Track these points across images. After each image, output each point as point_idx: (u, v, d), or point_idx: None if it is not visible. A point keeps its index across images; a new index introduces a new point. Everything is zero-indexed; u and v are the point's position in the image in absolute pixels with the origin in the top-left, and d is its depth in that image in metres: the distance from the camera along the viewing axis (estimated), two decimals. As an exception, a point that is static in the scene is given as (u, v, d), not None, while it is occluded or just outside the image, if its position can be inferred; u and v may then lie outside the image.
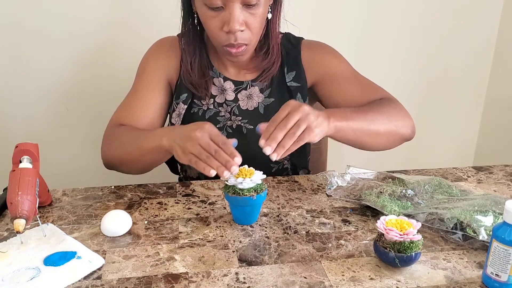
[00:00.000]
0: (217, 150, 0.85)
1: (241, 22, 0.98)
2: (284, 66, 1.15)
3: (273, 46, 1.10)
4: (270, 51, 1.11)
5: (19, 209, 0.76)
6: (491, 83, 1.87)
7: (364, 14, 1.68)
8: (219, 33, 1.01)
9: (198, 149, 0.86)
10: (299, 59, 1.15)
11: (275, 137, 0.86)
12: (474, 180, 1.10)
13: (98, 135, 1.67)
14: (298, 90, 1.15)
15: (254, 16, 1.00)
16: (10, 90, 1.58)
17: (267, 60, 1.11)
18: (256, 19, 1.00)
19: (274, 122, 0.88)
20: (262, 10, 1.01)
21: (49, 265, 0.77)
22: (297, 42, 1.17)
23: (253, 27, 1.01)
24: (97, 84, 1.61)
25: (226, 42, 1.01)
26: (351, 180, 1.05)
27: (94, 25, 1.54)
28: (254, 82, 1.14)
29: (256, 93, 1.14)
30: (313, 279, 0.75)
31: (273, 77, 1.14)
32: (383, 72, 1.78)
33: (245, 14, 0.99)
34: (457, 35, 1.77)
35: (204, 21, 1.02)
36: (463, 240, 0.84)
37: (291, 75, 1.15)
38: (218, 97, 1.14)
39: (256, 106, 1.14)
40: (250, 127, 1.14)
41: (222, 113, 1.14)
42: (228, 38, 1.00)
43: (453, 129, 1.93)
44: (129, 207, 0.97)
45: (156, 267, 0.78)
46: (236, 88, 1.14)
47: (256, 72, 1.15)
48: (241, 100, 1.14)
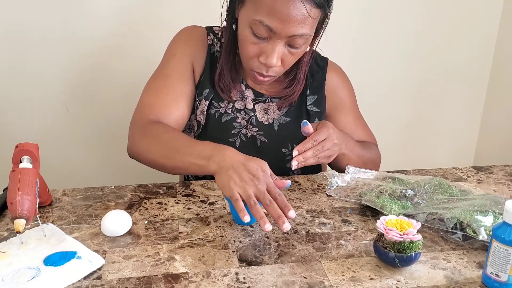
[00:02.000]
0: (271, 201, 0.80)
1: (280, 58, 0.98)
2: (307, 88, 1.14)
3: (300, 77, 1.10)
4: (296, 82, 1.11)
5: (19, 209, 0.76)
6: (491, 83, 1.87)
7: (364, 14, 1.68)
8: (253, 59, 1.00)
9: (250, 194, 0.81)
10: (323, 84, 1.16)
11: (306, 155, 0.96)
12: (474, 180, 1.10)
13: (98, 135, 1.68)
14: (316, 115, 1.15)
15: (292, 55, 1.00)
16: (10, 91, 1.58)
17: (290, 89, 1.11)
18: (293, 58, 1.01)
19: (313, 142, 0.97)
20: (301, 51, 1.01)
21: (49, 265, 0.77)
22: (324, 64, 1.17)
23: (287, 64, 1.01)
24: (98, 84, 1.61)
25: (257, 69, 1.01)
26: (351, 180, 1.05)
27: (95, 27, 1.54)
28: (273, 98, 1.14)
29: (273, 109, 1.13)
30: (313, 279, 0.75)
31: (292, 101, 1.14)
32: (383, 72, 1.79)
33: (284, 51, 0.98)
34: (457, 35, 1.77)
35: (243, 42, 1.00)
36: (463, 240, 0.84)
37: (312, 98, 1.15)
38: (237, 103, 1.13)
39: (271, 121, 1.13)
40: (264, 140, 1.13)
41: (239, 120, 1.13)
42: (261, 67, 1.00)
43: (453, 129, 1.93)
44: (129, 207, 0.97)
45: (156, 267, 0.78)
46: (255, 99, 1.13)
47: (276, 94, 1.14)
48: (257, 112, 1.13)
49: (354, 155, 1.10)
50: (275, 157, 1.10)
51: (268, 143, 1.13)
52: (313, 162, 0.98)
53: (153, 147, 0.99)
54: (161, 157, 0.97)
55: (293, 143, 1.13)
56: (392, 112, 1.84)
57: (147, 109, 1.06)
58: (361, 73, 1.72)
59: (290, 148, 1.13)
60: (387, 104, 1.83)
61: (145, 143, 1.01)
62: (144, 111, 1.06)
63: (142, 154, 1.02)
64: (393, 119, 1.85)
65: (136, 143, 1.03)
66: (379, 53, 1.75)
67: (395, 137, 1.89)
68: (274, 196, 0.82)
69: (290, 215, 0.80)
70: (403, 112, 1.87)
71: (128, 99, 1.55)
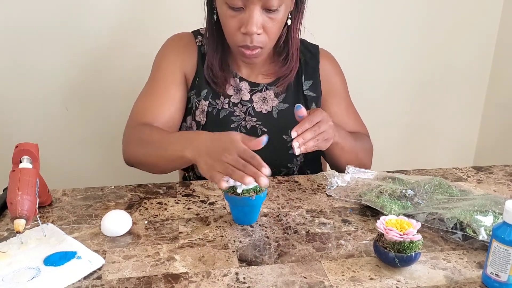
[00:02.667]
0: (245, 164, 0.85)
1: (259, 25, 0.99)
2: (302, 74, 1.16)
3: (293, 53, 1.11)
4: (290, 58, 1.11)
5: (19, 209, 0.76)
6: (491, 83, 1.87)
7: (364, 14, 1.68)
8: (236, 33, 1.01)
9: (225, 166, 0.85)
10: (317, 69, 1.17)
11: (305, 136, 0.95)
12: (474, 180, 1.10)
13: (98, 135, 1.68)
14: (313, 100, 1.16)
15: (272, 21, 1.00)
16: (10, 91, 1.58)
17: (285, 67, 1.12)
18: (274, 24, 1.01)
19: (309, 122, 0.96)
20: (281, 16, 1.01)
21: (49, 265, 0.77)
22: (316, 51, 1.19)
23: (271, 32, 1.02)
24: (98, 84, 1.61)
25: (242, 43, 1.02)
26: (351, 180, 1.05)
27: (95, 26, 1.54)
28: (269, 86, 1.15)
29: (271, 97, 1.15)
30: (313, 279, 0.75)
31: (289, 83, 1.15)
32: (383, 72, 1.79)
33: (264, 18, 0.99)
34: (457, 35, 1.77)
35: (223, 19, 1.02)
36: (463, 240, 0.84)
37: (308, 83, 1.16)
38: (233, 97, 1.14)
39: (270, 110, 1.15)
40: (264, 129, 1.14)
41: (236, 113, 1.14)
42: (244, 39, 1.01)
43: (453, 129, 1.93)
44: (129, 207, 0.97)
45: (156, 267, 0.78)
46: (252, 90, 1.15)
47: (272, 77, 1.15)
48: (255, 102, 1.14)
49: (347, 145, 1.09)
50: (276, 145, 1.11)
51: (268, 131, 1.14)
52: (312, 146, 0.96)
53: (140, 148, 1.04)
54: (148, 156, 1.03)
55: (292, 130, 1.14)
56: (392, 112, 1.84)
57: (136, 116, 1.11)
58: (361, 73, 1.72)
59: (290, 135, 1.13)
60: (387, 104, 1.83)
61: (133, 146, 1.07)
62: (134, 118, 1.12)
63: (133, 158, 1.07)
64: (393, 119, 1.85)
65: (127, 148, 1.09)
66: (379, 53, 1.75)
67: (395, 137, 1.89)
68: (247, 159, 0.85)
69: (265, 172, 0.84)
70: (403, 112, 1.87)
71: (128, 99, 1.55)
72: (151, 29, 1.54)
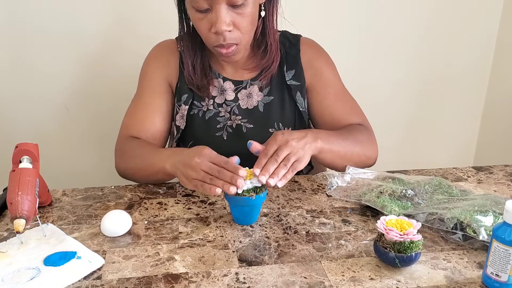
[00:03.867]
0: (220, 170, 0.88)
1: (228, 22, 0.99)
2: (284, 64, 1.15)
3: (271, 44, 1.10)
4: (268, 49, 1.11)
5: (19, 209, 0.76)
6: (491, 83, 1.87)
7: (364, 14, 1.68)
8: (208, 34, 1.02)
9: (202, 174, 0.89)
10: (298, 57, 1.16)
11: (267, 168, 0.89)
12: (474, 180, 1.10)
13: (98, 135, 1.68)
14: (297, 89, 1.16)
15: (241, 16, 1.00)
16: (10, 91, 1.58)
17: (265, 59, 1.12)
18: (244, 19, 1.01)
19: (265, 155, 0.92)
20: (250, 10, 1.00)
21: (49, 265, 0.77)
22: (296, 40, 1.18)
23: (242, 27, 1.01)
24: (97, 84, 1.61)
25: (216, 43, 1.02)
26: (351, 180, 1.05)
27: (95, 26, 1.54)
28: (253, 81, 1.15)
29: (256, 92, 1.15)
30: (313, 279, 0.75)
31: (272, 75, 1.15)
32: (383, 72, 1.79)
33: (232, 14, 0.99)
34: (457, 35, 1.77)
35: (194, 23, 1.04)
36: (463, 240, 0.84)
37: (290, 73, 1.15)
38: (217, 98, 1.15)
39: (255, 104, 1.15)
40: (250, 126, 1.15)
41: (222, 113, 1.15)
42: (217, 39, 1.01)
43: (453, 129, 1.93)
44: (129, 207, 0.97)
45: (156, 267, 0.78)
46: (236, 88, 1.15)
47: (255, 71, 1.15)
48: (241, 100, 1.15)
49: (336, 146, 1.03)
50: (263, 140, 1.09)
51: (254, 127, 1.15)
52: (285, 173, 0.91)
53: (128, 163, 1.09)
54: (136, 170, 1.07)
55: (278, 122, 1.15)
56: (392, 112, 1.84)
57: (124, 131, 1.16)
58: (361, 73, 1.73)
59: (277, 127, 1.15)
60: (387, 105, 1.83)
61: (123, 161, 1.11)
62: (122, 133, 1.16)
63: (125, 172, 1.10)
64: (393, 119, 1.85)
65: (118, 162, 1.13)
66: (379, 54, 1.75)
67: (395, 137, 1.89)
68: (220, 165, 0.89)
69: (241, 174, 0.86)
70: (403, 112, 1.87)
71: (128, 99, 1.55)
72: (151, 29, 1.54)
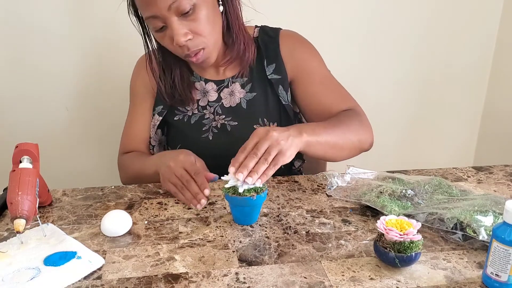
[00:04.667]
0: (189, 180, 0.94)
1: (185, 32, 0.99)
2: (264, 59, 1.14)
3: (237, 33, 1.09)
4: (235, 37, 1.09)
5: (19, 209, 0.76)
6: (491, 83, 1.87)
7: (364, 14, 1.68)
8: (174, 48, 1.03)
9: (175, 179, 0.96)
10: (278, 51, 1.15)
11: (246, 164, 0.83)
12: (474, 180, 1.10)
13: (98, 135, 1.68)
14: (279, 83, 1.15)
15: (196, 21, 0.99)
16: (10, 91, 1.58)
17: (235, 48, 1.10)
18: (200, 23, 1.00)
19: (244, 151, 0.86)
20: (203, 12, 0.99)
21: (49, 265, 0.77)
22: (275, 34, 1.16)
23: (201, 31, 1.00)
24: (98, 84, 1.62)
25: (183, 54, 1.04)
26: (351, 180, 1.05)
27: (95, 26, 1.54)
28: (234, 78, 1.15)
29: (238, 89, 1.15)
30: (313, 279, 0.75)
31: (252, 71, 1.14)
32: (383, 72, 1.79)
33: (185, 23, 0.99)
34: (457, 35, 1.77)
35: (159, 42, 1.06)
36: (463, 240, 0.84)
37: (271, 67, 1.15)
38: (201, 100, 1.17)
39: (238, 101, 1.15)
40: (234, 123, 1.16)
41: (207, 115, 1.16)
42: (182, 50, 1.02)
43: (453, 129, 1.93)
44: (129, 207, 0.97)
45: (156, 267, 0.78)
46: (218, 88, 1.16)
47: (234, 66, 1.15)
48: (224, 99, 1.16)
49: (322, 136, 0.96)
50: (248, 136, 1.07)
51: (238, 124, 1.15)
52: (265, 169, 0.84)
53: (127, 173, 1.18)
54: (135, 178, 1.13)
55: (263, 117, 1.15)
56: (392, 112, 1.84)
57: (121, 149, 1.24)
58: (361, 73, 1.73)
59: (262, 123, 1.15)
60: (388, 105, 1.83)
61: (123, 172, 1.20)
62: (120, 151, 1.24)
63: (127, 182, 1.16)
64: (393, 119, 1.86)
65: (121, 178, 1.21)
66: (379, 54, 1.75)
67: (395, 137, 1.89)
68: (191, 175, 0.95)
69: (205, 193, 0.93)
70: (403, 112, 1.87)
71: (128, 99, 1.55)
72: (151, 29, 1.54)
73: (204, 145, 1.14)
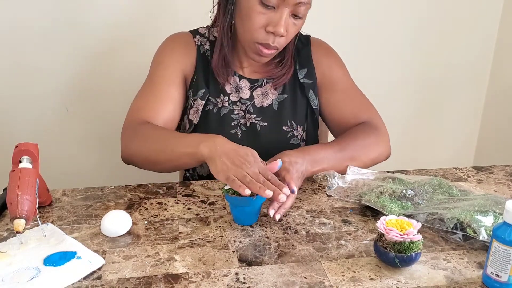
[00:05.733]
0: (265, 180, 0.86)
1: (286, 27, 1.01)
2: (296, 63, 1.17)
3: (288, 59, 1.14)
4: (284, 63, 1.14)
5: (19, 209, 0.76)
6: (491, 83, 1.87)
7: (364, 14, 1.68)
8: (259, 30, 1.02)
9: (244, 174, 0.86)
10: (310, 56, 1.19)
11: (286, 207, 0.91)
12: (474, 180, 1.10)
13: (98, 135, 1.68)
14: (310, 87, 1.18)
15: (295, 26, 1.03)
16: (10, 90, 1.58)
17: (279, 69, 1.14)
18: (295, 30, 1.05)
19: None
20: (302, 23, 1.05)
21: (49, 265, 0.77)
22: (307, 41, 1.20)
23: (290, 36, 1.05)
24: (98, 84, 1.61)
25: (263, 41, 1.03)
26: (351, 180, 1.05)
27: (94, 26, 1.54)
28: (268, 79, 1.17)
29: (271, 90, 1.17)
30: (313, 279, 0.75)
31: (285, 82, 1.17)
32: (383, 73, 1.79)
33: (290, 21, 1.02)
34: (457, 35, 1.77)
35: (249, 14, 1.01)
36: (464, 240, 0.84)
37: (303, 72, 1.18)
38: (232, 95, 1.16)
39: (270, 103, 1.17)
40: (264, 124, 1.16)
41: (236, 111, 1.16)
42: (267, 38, 1.02)
43: (453, 129, 1.93)
44: (129, 207, 0.97)
45: (156, 267, 0.78)
46: (252, 86, 1.16)
47: (268, 75, 1.17)
48: (256, 98, 1.16)
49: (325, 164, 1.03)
50: (276, 137, 1.14)
51: (268, 125, 1.16)
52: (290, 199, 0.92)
53: (143, 145, 1.03)
54: (152, 152, 1.02)
55: (291, 120, 1.17)
56: (392, 112, 1.84)
57: (135, 114, 1.11)
58: (361, 73, 1.72)
59: (290, 125, 1.17)
60: (388, 104, 1.82)
61: (136, 143, 1.05)
62: (133, 115, 1.11)
63: (134, 155, 1.05)
64: (393, 119, 1.84)
65: (128, 145, 1.07)
66: (379, 54, 1.75)
67: (395, 137, 1.87)
68: (267, 177, 0.87)
69: (284, 191, 0.85)
70: (403, 112, 1.87)
71: (128, 99, 1.54)
72: (151, 29, 1.54)
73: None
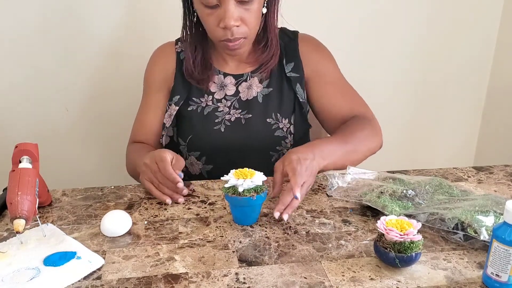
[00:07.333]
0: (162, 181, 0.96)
1: (236, 18, 1.03)
2: (283, 57, 1.18)
3: (272, 39, 1.14)
4: (269, 44, 1.14)
5: (18, 209, 0.76)
6: (491, 83, 1.86)
7: (364, 13, 1.68)
8: (216, 29, 1.05)
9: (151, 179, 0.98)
10: (297, 50, 1.19)
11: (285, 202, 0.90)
12: (475, 180, 1.10)
13: (98, 135, 1.68)
14: (297, 81, 1.18)
15: (249, 12, 1.04)
16: (10, 91, 1.57)
17: (266, 53, 1.15)
18: (251, 15, 1.05)
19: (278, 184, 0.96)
20: (256, 6, 1.05)
21: (49, 265, 0.77)
22: (294, 35, 1.21)
23: (249, 22, 1.05)
24: (98, 85, 1.61)
25: (223, 37, 1.06)
26: (351, 180, 1.05)
27: (95, 27, 1.54)
28: (253, 73, 1.18)
29: (256, 84, 1.18)
30: (313, 279, 0.75)
31: (272, 68, 1.17)
32: (382, 72, 1.78)
33: (240, 10, 1.03)
34: (457, 35, 1.77)
35: (202, 18, 1.07)
36: (464, 240, 0.84)
37: (290, 66, 1.18)
38: (216, 93, 1.18)
39: (255, 95, 1.18)
40: (248, 116, 1.17)
41: (220, 108, 1.17)
42: (225, 33, 1.05)
43: (453, 129, 1.93)
44: (129, 207, 0.97)
45: (156, 267, 0.78)
46: (237, 82, 1.18)
47: (255, 65, 1.18)
48: (242, 92, 1.18)
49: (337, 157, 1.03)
50: (261, 129, 1.16)
51: (253, 117, 1.17)
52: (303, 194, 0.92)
53: (128, 163, 1.19)
54: (130, 169, 1.17)
55: (276, 112, 1.17)
56: (392, 112, 1.84)
57: (131, 138, 1.25)
58: (361, 73, 1.72)
59: (275, 117, 1.17)
60: (388, 104, 1.82)
61: (126, 161, 1.21)
62: (131, 136, 1.25)
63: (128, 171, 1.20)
64: (393, 119, 1.85)
65: (126, 166, 1.21)
66: (379, 54, 1.75)
67: (395, 137, 1.89)
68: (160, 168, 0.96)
69: (183, 193, 0.98)
70: (403, 112, 1.87)
71: (128, 99, 1.55)
72: (151, 30, 1.54)
73: (216, 136, 1.16)
